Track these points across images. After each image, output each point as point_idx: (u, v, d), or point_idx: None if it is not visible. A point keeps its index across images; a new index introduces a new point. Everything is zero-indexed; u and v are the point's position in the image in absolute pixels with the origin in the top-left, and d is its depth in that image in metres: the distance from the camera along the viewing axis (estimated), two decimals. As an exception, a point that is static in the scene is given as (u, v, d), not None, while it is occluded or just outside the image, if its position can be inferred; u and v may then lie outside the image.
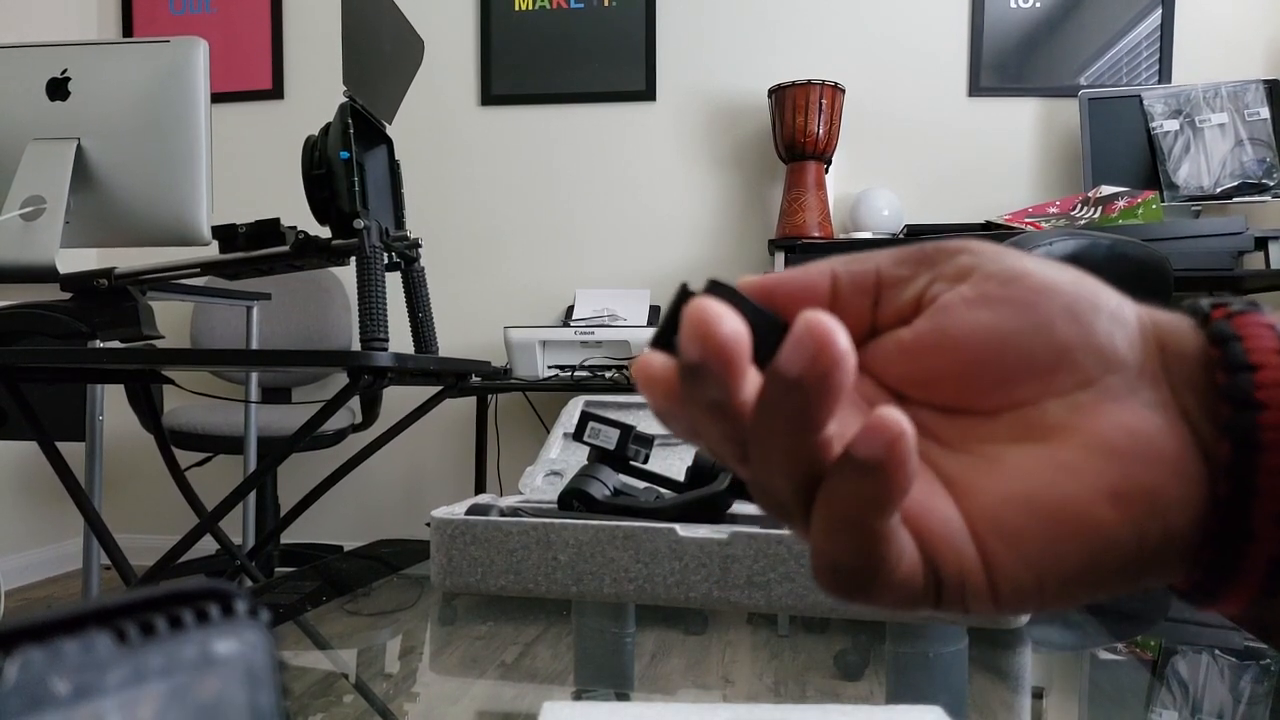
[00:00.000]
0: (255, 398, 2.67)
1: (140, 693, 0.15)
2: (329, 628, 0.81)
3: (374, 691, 0.66)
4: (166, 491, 1.95)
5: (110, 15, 3.27)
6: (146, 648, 0.15)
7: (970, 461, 0.27)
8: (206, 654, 0.16)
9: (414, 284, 1.54)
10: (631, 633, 0.79)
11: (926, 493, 0.27)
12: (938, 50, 2.89)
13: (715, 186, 3.01)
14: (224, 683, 0.16)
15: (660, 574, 0.67)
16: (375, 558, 1.12)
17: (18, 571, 2.86)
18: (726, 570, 0.66)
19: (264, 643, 0.17)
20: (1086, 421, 0.26)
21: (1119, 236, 1.79)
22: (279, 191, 2.81)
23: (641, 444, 0.80)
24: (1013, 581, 0.26)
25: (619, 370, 2.50)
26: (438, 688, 0.69)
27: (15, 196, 1.33)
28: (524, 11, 3.05)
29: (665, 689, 0.66)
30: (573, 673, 0.72)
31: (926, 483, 0.27)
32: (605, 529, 0.68)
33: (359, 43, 1.43)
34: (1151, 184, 2.57)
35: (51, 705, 0.14)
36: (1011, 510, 0.26)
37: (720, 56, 2.99)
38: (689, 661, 0.72)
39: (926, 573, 0.26)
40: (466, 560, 0.70)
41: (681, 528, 0.67)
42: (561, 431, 0.97)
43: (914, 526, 0.26)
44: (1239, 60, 2.74)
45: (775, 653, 0.74)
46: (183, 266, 1.37)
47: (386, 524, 3.08)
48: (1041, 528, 0.26)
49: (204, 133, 1.38)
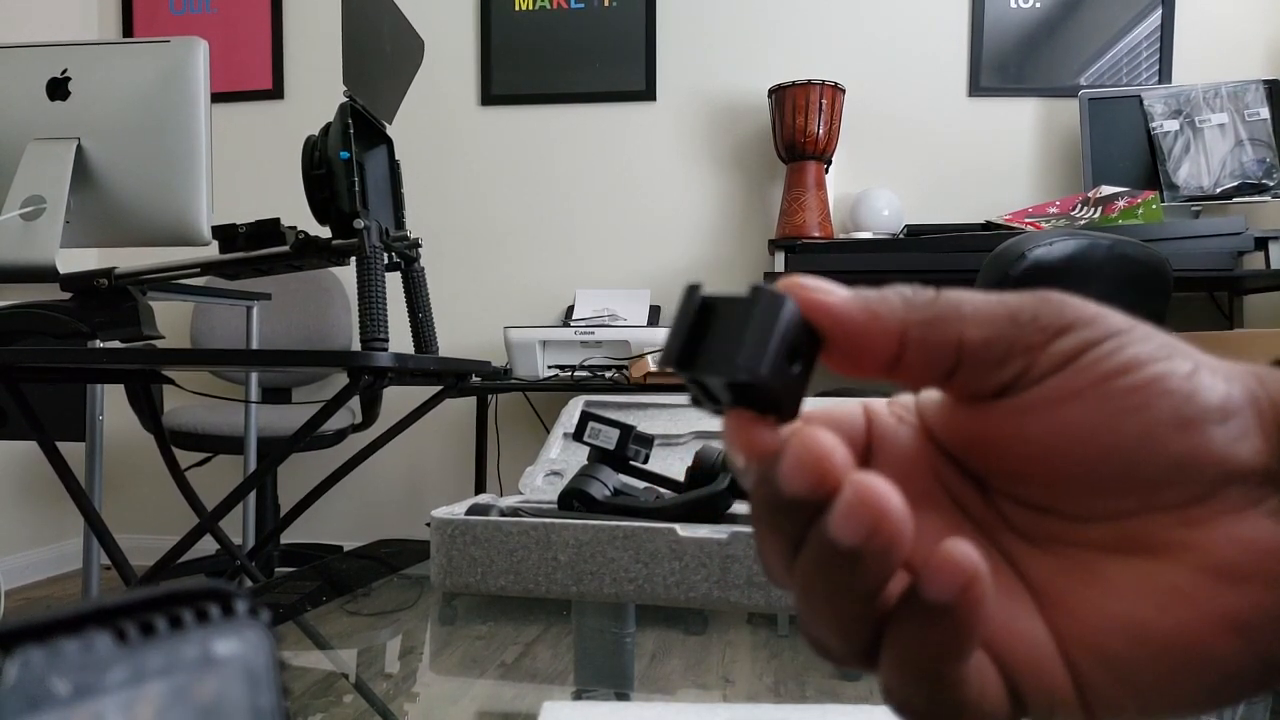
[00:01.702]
0: (255, 398, 2.67)
1: (140, 693, 0.15)
2: (329, 628, 0.81)
3: (374, 691, 0.66)
4: (166, 491, 1.95)
5: (110, 15, 3.27)
6: (146, 648, 0.15)
7: (1061, 568, 0.24)
8: (206, 654, 0.16)
9: (414, 284, 1.54)
10: (631, 633, 0.79)
11: (1009, 606, 0.24)
12: (938, 50, 2.89)
13: (715, 186, 3.01)
14: (224, 683, 0.16)
15: (660, 574, 0.67)
16: (375, 558, 1.12)
17: (18, 571, 2.86)
18: (726, 570, 0.66)
19: (264, 643, 0.17)
20: (1200, 538, 0.22)
21: (1119, 237, 1.79)
22: (279, 191, 2.81)
23: (641, 444, 0.80)
24: (1112, 708, 0.23)
25: (619, 370, 2.50)
26: (438, 688, 0.69)
27: (15, 196, 1.33)
28: (524, 11, 3.05)
29: (665, 689, 0.66)
30: (573, 673, 0.72)
31: (1009, 593, 0.24)
32: (605, 529, 0.68)
33: (359, 43, 1.43)
34: (1151, 184, 2.57)
35: (51, 705, 0.14)
36: (1114, 637, 0.23)
37: (720, 56, 2.99)
38: (689, 661, 0.72)
39: (1011, 700, 0.23)
40: (466, 560, 0.70)
41: (681, 528, 0.67)
42: (561, 431, 0.97)
43: (996, 649, 0.23)
44: (1239, 60, 2.74)
45: (775, 653, 0.74)
46: (183, 266, 1.37)
47: (386, 524, 3.08)
48: (1151, 660, 0.22)
49: (204, 133, 1.38)
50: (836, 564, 0.21)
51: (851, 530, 0.20)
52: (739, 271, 2.95)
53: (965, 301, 0.24)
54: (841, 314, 0.23)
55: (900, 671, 0.22)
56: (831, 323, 0.23)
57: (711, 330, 0.23)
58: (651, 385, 2.30)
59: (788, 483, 0.21)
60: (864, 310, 0.23)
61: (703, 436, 0.93)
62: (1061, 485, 0.24)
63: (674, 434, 0.94)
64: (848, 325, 0.23)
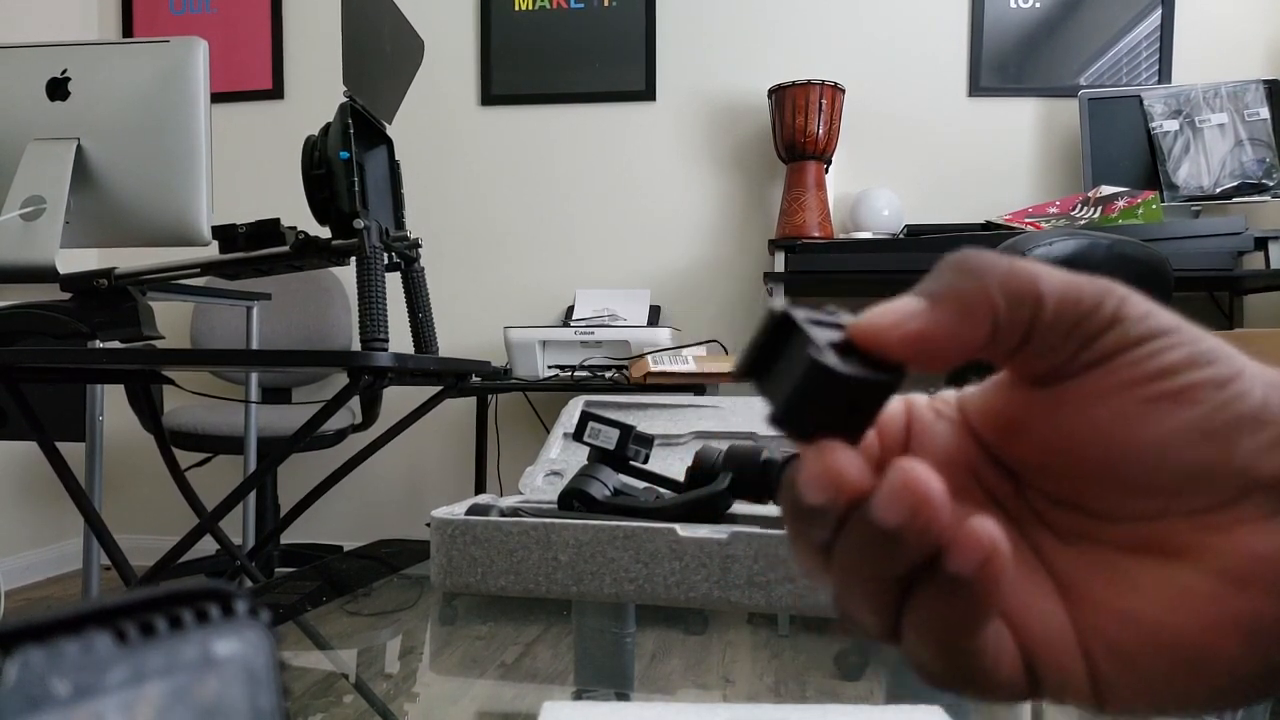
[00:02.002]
0: (255, 398, 2.67)
1: (140, 693, 0.15)
2: (329, 628, 0.81)
3: (374, 691, 0.66)
4: (166, 491, 1.95)
5: (110, 15, 3.27)
6: (146, 648, 0.15)
7: (1084, 563, 0.25)
8: (206, 654, 0.16)
9: (414, 284, 1.54)
10: (631, 633, 0.79)
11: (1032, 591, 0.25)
12: (938, 50, 2.89)
13: (715, 186, 3.01)
14: (224, 683, 0.16)
15: (660, 574, 0.67)
16: (375, 558, 1.12)
17: (18, 571, 2.86)
18: (726, 570, 0.66)
19: (264, 643, 0.17)
20: (1218, 544, 0.23)
21: (1119, 236, 1.79)
22: (279, 191, 2.81)
23: (641, 444, 0.80)
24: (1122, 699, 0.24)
25: (619, 370, 2.50)
26: (438, 688, 0.69)
27: (15, 196, 1.33)
28: (524, 11, 3.05)
29: (665, 689, 0.66)
30: (573, 673, 0.72)
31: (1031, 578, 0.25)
32: (605, 529, 0.68)
33: (359, 43, 1.43)
34: (1151, 184, 2.57)
35: (51, 705, 0.14)
36: (1129, 633, 0.24)
37: (720, 56, 2.99)
38: (689, 661, 0.72)
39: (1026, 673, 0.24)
40: (466, 560, 0.70)
41: (681, 528, 0.67)
42: (561, 431, 0.96)
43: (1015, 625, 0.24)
44: (1239, 60, 2.74)
45: (775, 653, 0.74)
46: (183, 266, 1.37)
47: (386, 524, 3.08)
48: (1162, 659, 0.23)
49: (204, 133, 1.38)
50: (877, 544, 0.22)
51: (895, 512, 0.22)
52: (739, 271, 2.95)
53: (1042, 277, 0.23)
54: (931, 334, 0.23)
55: (920, 637, 0.23)
56: (920, 348, 0.23)
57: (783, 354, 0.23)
58: (651, 385, 2.30)
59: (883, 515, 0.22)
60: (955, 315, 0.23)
61: (703, 436, 0.93)
62: (1087, 481, 0.24)
63: (674, 434, 0.94)
64: (939, 341, 0.23)
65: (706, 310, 2.96)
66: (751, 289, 2.93)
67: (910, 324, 0.23)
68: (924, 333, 0.23)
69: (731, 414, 0.94)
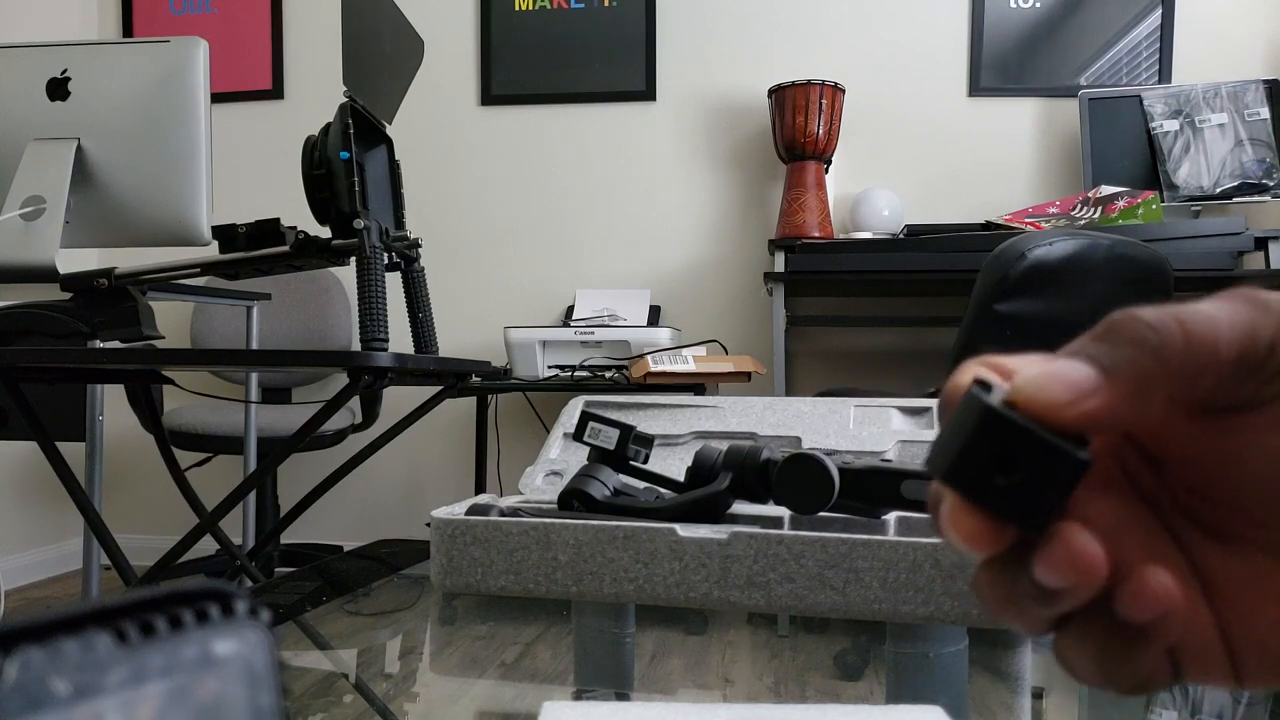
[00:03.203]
0: (255, 398, 2.67)
1: (140, 693, 0.15)
2: (329, 628, 0.81)
3: (374, 691, 0.66)
4: (166, 491, 1.95)
5: (110, 15, 3.27)
6: (146, 648, 0.15)
7: (1235, 563, 0.25)
8: (206, 654, 0.16)
9: (414, 284, 1.54)
10: (631, 633, 0.79)
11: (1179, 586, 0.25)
12: (938, 50, 2.89)
13: (715, 186, 3.01)
14: (224, 683, 0.16)
15: (660, 574, 0.67)
16: (375, 558, 1.12)
17: (18, 571, 2.86)
18: (726, 570, 0.66)
19: (264, 643, 0.17)
20: None
21: (1119, 237, 1.79)
22: (279, 191, 2.81)
23: (641, 444, 0.80)
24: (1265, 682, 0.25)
25: (619, 370, 2.50)
26: (438, 688, 0.69)
27: (15, 196, 1.33)
28: (524, 11, 3.05)
29: (665, 689, 0.66)
30: (573, 673, 0.72)
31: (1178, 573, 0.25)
32: (605, 529, 0.68)
33: (359, 43, 1.43)
34: (1151, 184, 2.57)
35: (51, 705, 0.14)
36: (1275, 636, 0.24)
37: (720, 56, 2.99)
38: (689, 661, 0.72)
39: (1172, 668, 0.25)
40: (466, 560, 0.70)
41: (681, 528, 0.67)
42: (561, 431, 0.96)
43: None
44: (1239, 60, 2.74)
45: (775, 653, 0.74)
46: (183, 266, 1.37)
47: (386, 524, 3.08)
48: None
49: (204, 133, 1.38)
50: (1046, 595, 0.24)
51: (1058, 578, 0.23)
52: (739, 271, 2.95)
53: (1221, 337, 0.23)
54: (1108, 414, 0.23)
55: (1077, 654, 0.25)
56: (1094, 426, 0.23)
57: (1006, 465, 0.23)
58: (651, 385, 2.30)
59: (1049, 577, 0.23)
60: (1134, 395, 0.23)
61: (703, 436, 0.93)
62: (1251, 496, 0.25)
63: (674, 434, 0.94)
64: (1116, 420, 0.23)
65: (706, 310, 2.96)
66: (751, 289, 2.93)
67: (1087, 404, 0.23)
68: (1101, 413, 0.23)
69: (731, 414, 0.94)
